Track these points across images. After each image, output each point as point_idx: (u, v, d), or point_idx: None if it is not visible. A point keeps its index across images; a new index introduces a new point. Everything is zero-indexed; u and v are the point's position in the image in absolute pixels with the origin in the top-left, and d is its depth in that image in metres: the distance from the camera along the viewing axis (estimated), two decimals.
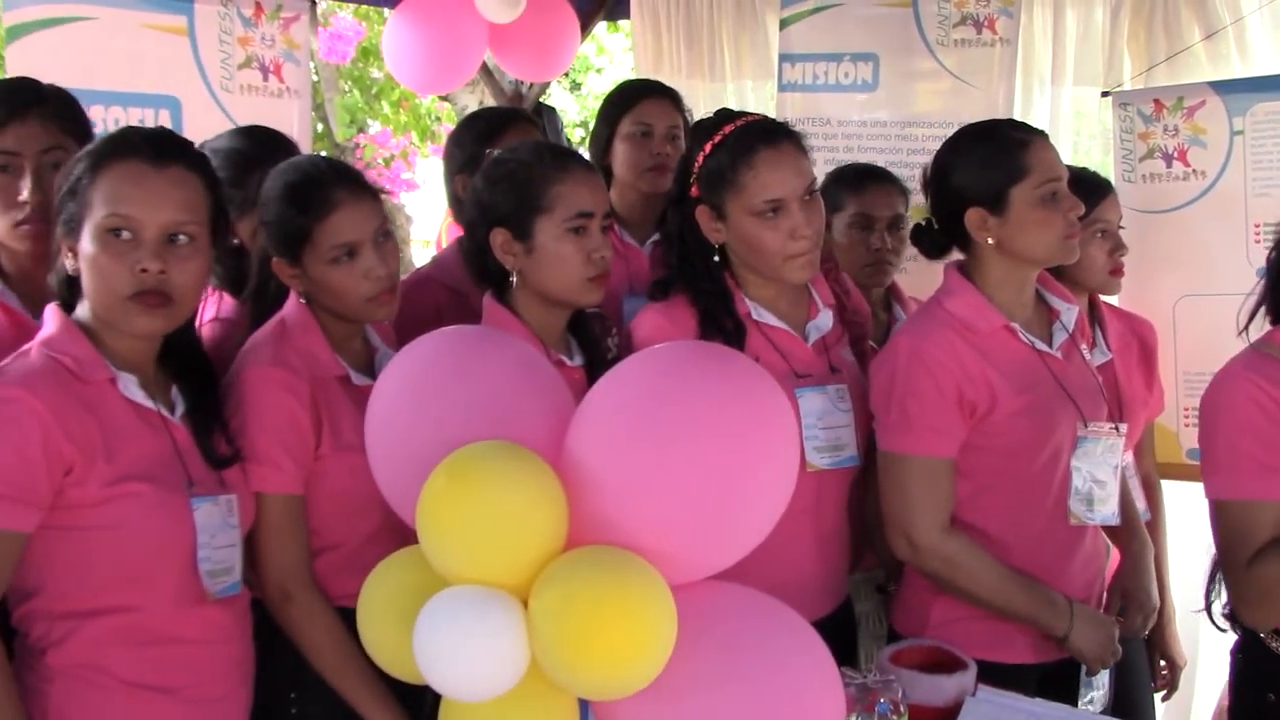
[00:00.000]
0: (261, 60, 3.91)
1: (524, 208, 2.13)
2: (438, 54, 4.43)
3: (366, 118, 9.03)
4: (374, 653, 1.78)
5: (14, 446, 1.70)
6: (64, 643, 1.81)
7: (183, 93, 3.73)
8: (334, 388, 2.10)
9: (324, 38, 7.25)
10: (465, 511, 1.55)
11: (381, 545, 2.02)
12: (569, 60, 4.86)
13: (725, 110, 2.36)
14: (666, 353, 1.72)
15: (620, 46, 12.26)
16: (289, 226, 2.09)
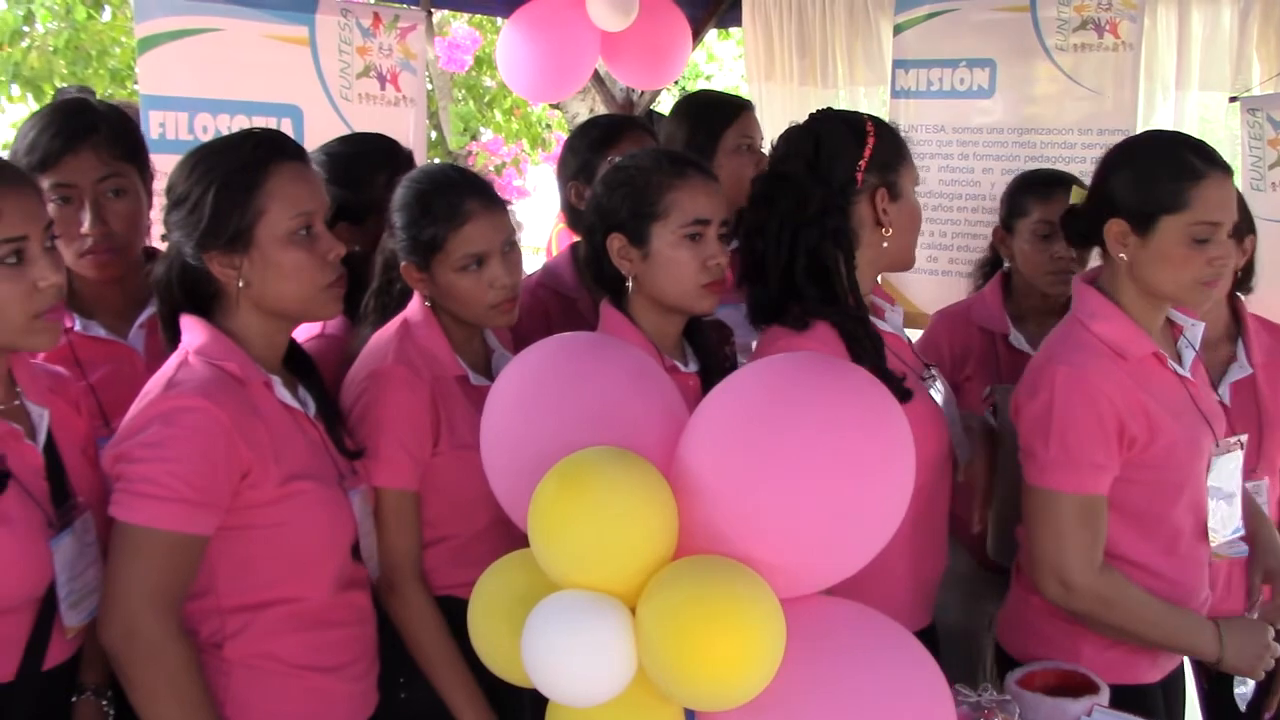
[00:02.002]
0: (379, 69, 3.99)
1: (640, 214, 2.14)
2: (550, 62, 4.47)
3: (479, 125, 9.15)
4: (483, 654, 1.79)
5: (200, 454, 1.77)
6: (238, 636, 1.88)
7: (303, 101, 3.81)
8: (453, 387, 2.15)
9: (441, 47, 7.36)
10: (576, 517, 1.55)
11: (492, 540, 2.11)
12: (680, 68, 4.86)
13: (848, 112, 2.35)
14: (783, 363, 1.71)
15: (730, 54, 12.26)
16: (422, 234, 2.13)
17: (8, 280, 1.70)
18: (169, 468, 1.76)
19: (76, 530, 1.81)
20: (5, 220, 1.70)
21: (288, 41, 3.79)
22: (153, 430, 1.78)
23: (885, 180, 2.21)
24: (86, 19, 8.74)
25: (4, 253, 1.70)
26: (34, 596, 1.77)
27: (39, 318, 1.74)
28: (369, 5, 4.06)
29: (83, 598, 1.82)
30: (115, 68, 9.03)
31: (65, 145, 2.18)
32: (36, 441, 1.82)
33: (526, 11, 4.42)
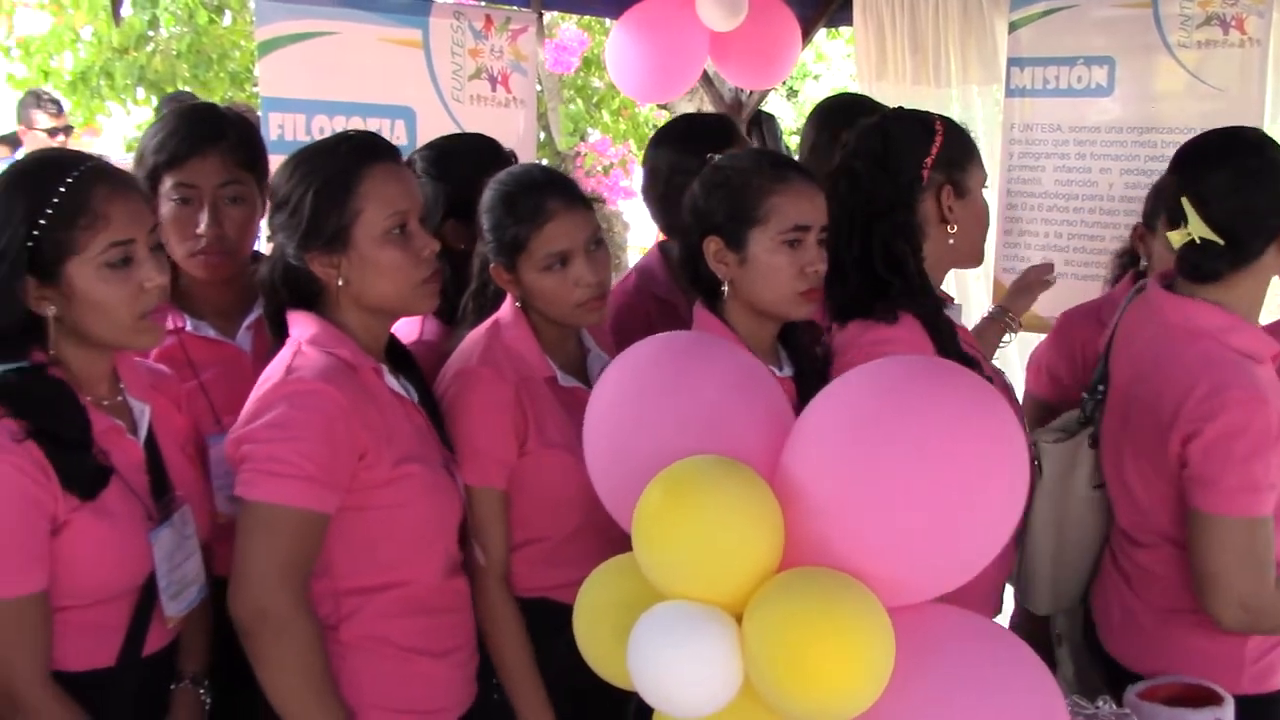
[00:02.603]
0: (490, 71, 4.03)
1: (739, 218, 2.12)
2: (659, 63, 4.48)
3: (587, 126, 9.20)
4: (589, 659, 1.80)
5: (321, 434, 1.83)
6: (352, 618, 1.94)
7: (416, 103, 3.87)
8: (541, 388, 2.15)
9: (549, 48, 7.41)
10: (680, 528, 1.54)
11: (584, 540, 2.14)
12: (790, 68, 4.84)
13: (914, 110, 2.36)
14: (891, 367, 1.67)
15: (839, 53, 12.16)
16: (506, 234, 2.15)
17: (116, 282, 1.76)
18: (293, 447, 1.81)
19: (175, 523, 1.86)
20: (114, 225, 1.75)
21: (402, 44, 3.85)
22: (276, 412, 1.83)
23: (951, 178, 2.26)
24: (208, 23, 8.98)
25: (113, 256, 1.75)
26: (134, 586, 1.83)
27: (145, 318, 1.80)
28: (481, 8, 4.12)
29: (182, 589, 1.88)
30: (235, 71, 9.27)
31: (192, 148, 2.24)
32: (138, 436, 1.88)
33: (636, 12, 4.43)
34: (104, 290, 1.75)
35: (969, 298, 4.83)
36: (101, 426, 1.80)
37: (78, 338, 1.79)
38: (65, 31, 8.63)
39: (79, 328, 1.77)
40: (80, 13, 8.54)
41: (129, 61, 8.76)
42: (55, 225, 1.71)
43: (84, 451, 1.75)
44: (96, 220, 1.73)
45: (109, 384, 1.87)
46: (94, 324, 1.77)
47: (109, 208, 1.75)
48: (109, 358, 1.86)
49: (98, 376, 1.84)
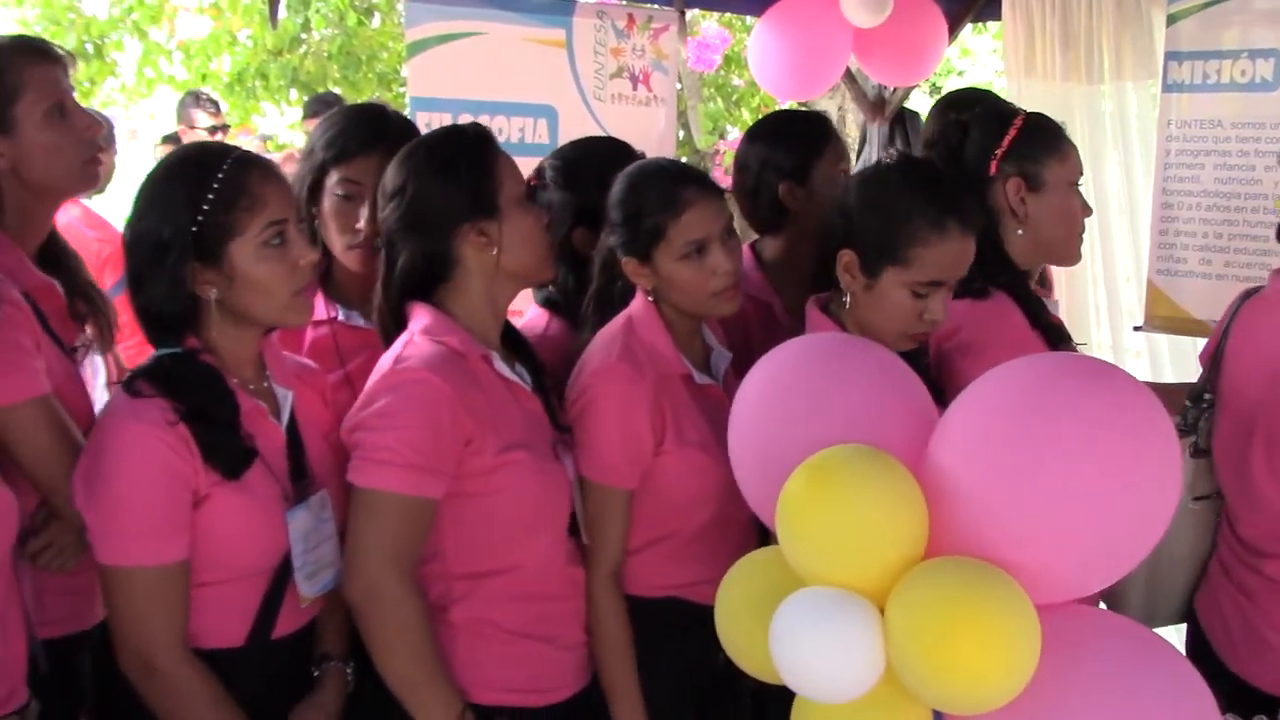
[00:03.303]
0: (631, 70, 4.05)
1: (883, 250, 2.06)
2: (802, 60, 4.44)
3: (727, 124, 9.18)
4: (731, 649, 1.81)
5: (428, 423, 1.87)
6: (463, 601, 1.97)
7: (559, 102, 3.91)
8: (677, 385, 2.15)
9: (691, 46, 7.43)
10: (824, 515, 1.54)
11: (712, 538, 2.15)
12: (935, 64, 4.76)
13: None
14: (1041, 361, 1.65)
15: (985, 48, 11.92)
16: (643, 225, 2.15)
17: (274, 260, 1.84)
18: (399, 435, 1.86)
19: (312, 505, 1.91)
20: (270, 206, 1.83)
21: (546, 44, 3.90)
22: (384, 402, 1.88)
23: (1023, 171, 2.28)
24: (357, 25, 9.22)
25: (270, 235, 1.83)
26: (269, 566, 1.88)
27: (299, 294, 1.88)
28: (623, 7, 4.13)
29: (318, 570, 1.92)
30: (382, 71, 9.51)
31: (359, 147, 2.31)
32: (280, 421, 1.94)
33: (779, 9, 4.40)
34: (263, 269, 1.83)
35: (1118, 300, 4.69)
36: (246, 407, 1.86)
37: (234, 319, 1.86)
38: (223, 35, 8.97)
39: (239, 307, 1.85)
40: (238, 16, 8.86)
41: (282, 63, 9.06)
42: (217, 209, 1.79)
43: (231, 432, 1.82)
44: (255, 202, 1.81)
45: (255, 369, 1.93)
46: (254, 302, 1.85)
47: (264, 190, 1.83)
48: (257, 342, 1.93)
49: (245, 360, 1.91)
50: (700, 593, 2.14)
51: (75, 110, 2.15)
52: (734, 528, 2.18)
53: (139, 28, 8.90)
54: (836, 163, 2.71)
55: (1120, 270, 4.72)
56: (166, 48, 9.07)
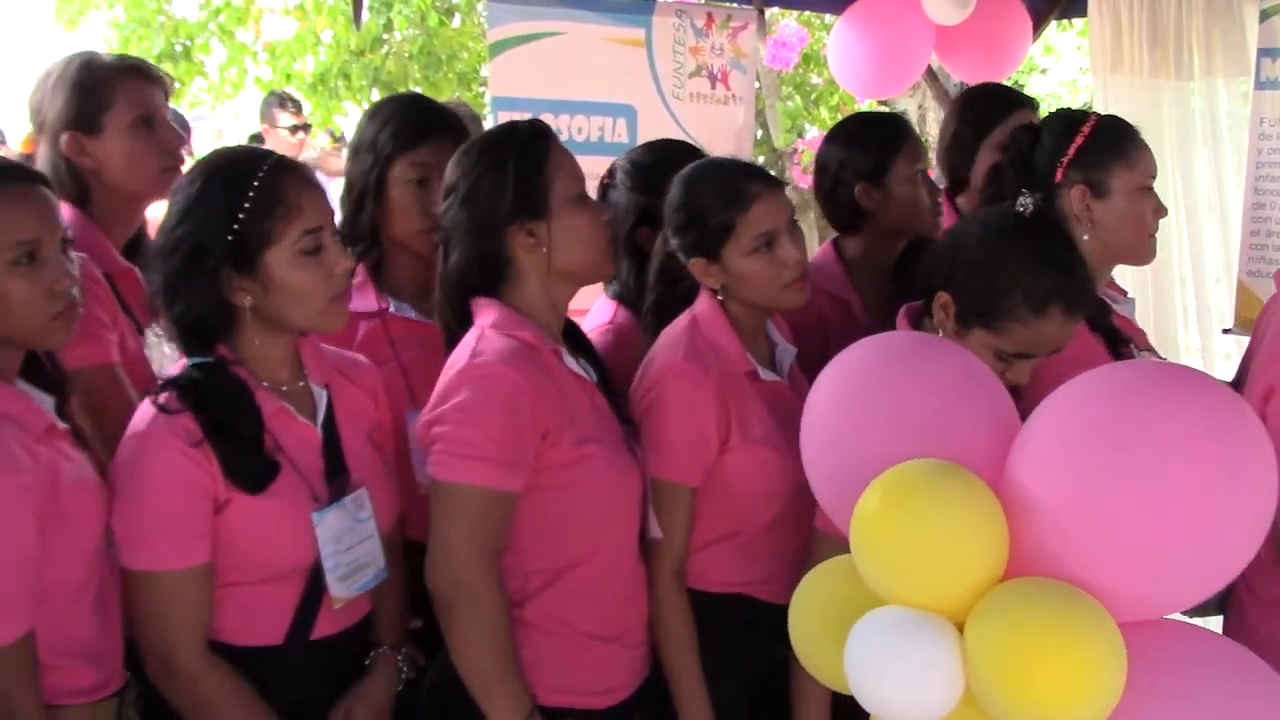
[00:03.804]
0: (710, 68, 4.05)
1: (978, 305, 2.03)
2: (883, 58, 4.40)
3: (805, 123, 9.14)
4: (805, 660, 1.79)
5: (506, 417, 1.88)
6: (538, 596, 1.98)
7: (638, 101, 3.92)
8: (742, 383, 2.14)
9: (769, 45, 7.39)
10: (900, 533, 1.51)
11: (774, 536, 2.15)
12: (1019, 62, 4.68)
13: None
14: (1126, 371, 1.61)
15: (1069, 45, 11.73)
16: (710, 223, 2.14)
17: (310, 268, 1.85)
18: (479, 429, 1.87)
19: (347, 506, 1.91)
20: (306, 213, 1.84)
21: (625, 43, 3.90)
22: (462, 396, 1.89)
23: (1089, 178, 2.30)
24: (439, 25, 9.31)
25: (306, 243, 1.84)
26: (299, 567, 1.88)
27: (335, 300, 1.89)
28: (702, 6, 4.12)
29: (354, 571, 1.92)
30: (462, 71, 9.59)
31: (427, 132, 2.36)
32: (315, 420, 1.95)
33: (860, 7, 4.37)
34: (299, 276, 1.83)
35: (1207, 302, 4.60)
36: (271, 410, 1.87)
37: (268, 325, 1.87)
38: (308, 36, 9.10)
39: (274, 315, 1.86)
40: (322, 18, 8.98)
41: (365, 63, 9.17)
42: (254, 217, 1.80)
43: (253, 449, 1.83)
44: (290, 210, 1.82)
45: (291, 369, 1.94)
46: (290, 310, 1.86)
47: (300, 197, 1.84)
48: (290, 344, 1.94)
49: (279, 362, 1.92)
50: (763, 590, 2.18)
51: (163, 124, 2.30)
52: (798, 526, 2.17)
53: (226, 29, 9.07)
54: (913, 163, 2.70)
55: (1209, 271, 4.62)
56: (252, 49, 9.23)
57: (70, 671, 1.73)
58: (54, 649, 1.70)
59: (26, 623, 1.64)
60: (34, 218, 1.71)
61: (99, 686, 1.77)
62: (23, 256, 1.68)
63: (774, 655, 2.22)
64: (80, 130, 2.20)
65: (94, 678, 1.77)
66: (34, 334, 1.73)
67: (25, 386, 1.77)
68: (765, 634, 2.19)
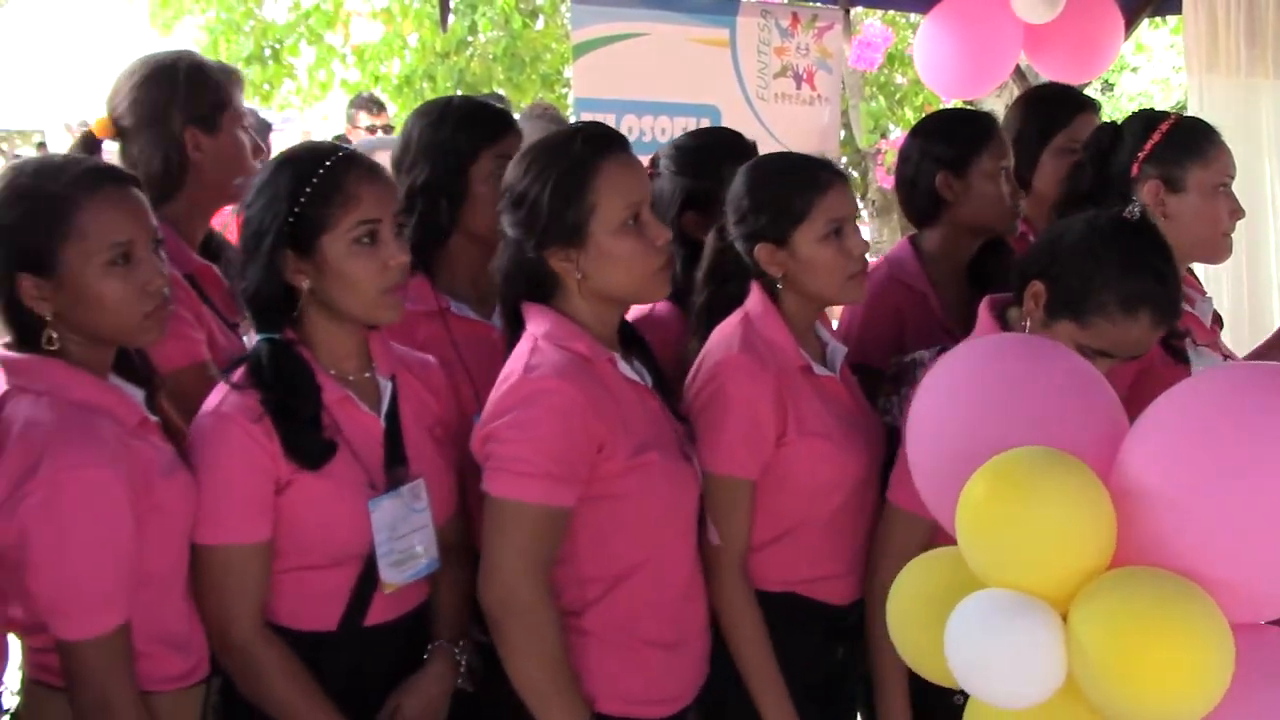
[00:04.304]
0: (795, 69, 4.04)
1: (1069, 298, 2.03)
2: (970, 57, 4.36)
3: (888, 123, 9.07)
4: (902, 649, 1.79)
5: (561, 432, 1.87)
6: (595, 605, 1.98)
7: (722, 102, 3.92)
8: (797, 378, 2.13)
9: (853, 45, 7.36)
10: (1008, 518, 1.51)
11: (831, 534, 2.15)
12: (1110, 60, 4.61)
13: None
14: (1247, 367, 1.62)
15: (1161, 43, 11.52)
16: (783, 206, 2.13)
17: (363, 258, 1.87)
18: (534, 446, 1.86)
19: (403, 495, 1.94)
20: (363, 205, 1.87)
21: (710, 44, 3.91)
22: (517, 412, 1.88)
23: (1165, 173, 2.34)
24: (522, 27, 9.37)
25: (361, 233, 1.87)
26: (354, 553, 1.91)
27: (387, 293, 1.90)
28: (787, 6, 4.11)
29: (405, 559, 1.95)
30: (545, 73, 9.65)
31: (507, 126, 2.40)
32: (380, 411, 1.97)
33: (947, 6, 4.33)
34: (352, 265, 1.86)
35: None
36: (335, 397, 1.91)
37: (328, 312, 1.91)
38: (394, 39, 9.21)
39: (329, 300, 1.89)
40: (408, 21, 9.09)
41: (449, 65, 9.27)
42: (313, 203, 1.85)
43: (312, 427, 1.87)
44: (348, 200, 1.85)
45: (358, 360, 1.98)
46: (342, 297, 1.89)
47: (359, 189, 1.87)
48: (357, 336, 1.97)
49: (346, 353, 1.95)
50: (820, 589, 2.17)
51: (251, 128, 2.39)
52: (855, 524, 2.18)
53: (315, 32, 9.20)
54: (998, 160, 2.68)
55: None
56: (340, 51, 9.36)
57: (162, 659, 1.78)
58: (147, 637, 1.75)
59: (123, 613, 1.70)
60: (128, 219, 1.77)
61: (188, 673, 1.82)
62: (118, 257, 1.74)
63: (833, 656, 2.23)
64: (199, 127, 2.26)
65: (183, 665, 1.81)
66: (128, 332, 1.79)
67: (117, 381, 1.83)
68: (824, 634, 2.21)
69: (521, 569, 1.86)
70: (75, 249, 1.71)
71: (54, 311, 1.72)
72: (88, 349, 1.76)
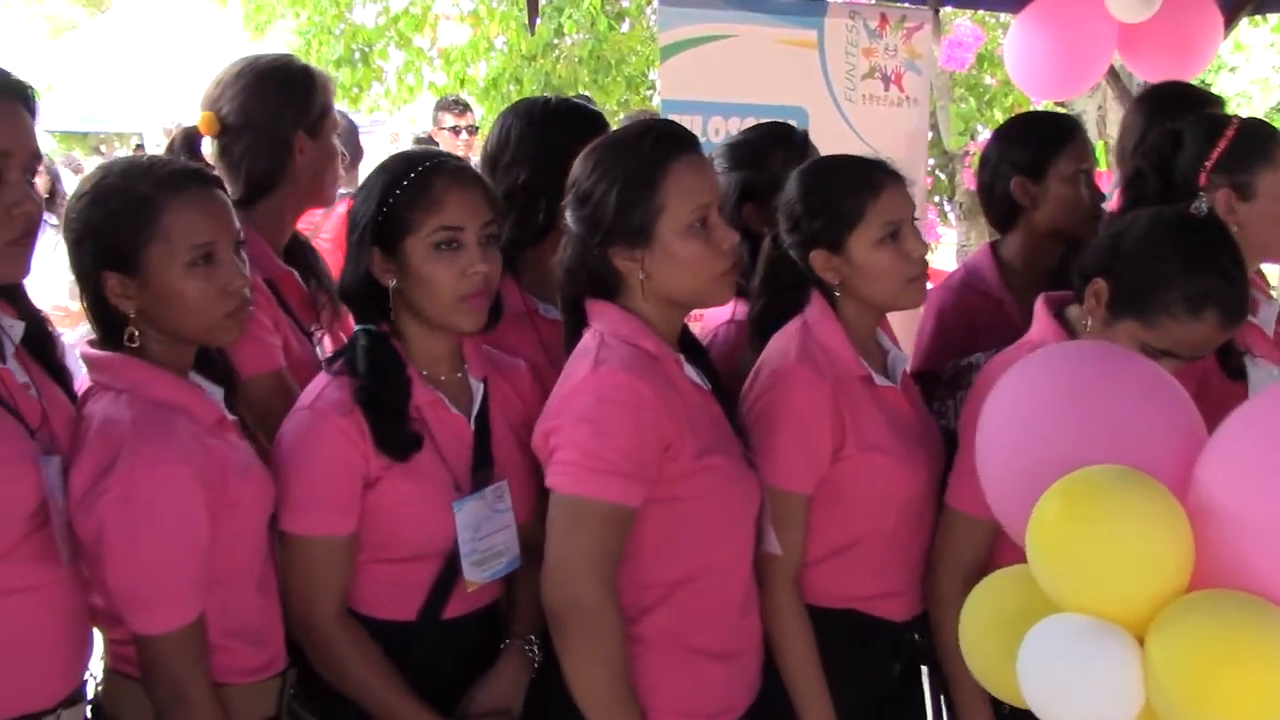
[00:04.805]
0: (883, 70, 3.99)
1: (1132, 296, 2.00)
2: (1063, 57, 4.28)
3: (977, 124, 8.95)
4: (974, 668, 1.76)
5: (631, 428, 1.85)
6: (652, 612, 1.95)
7: (809, 104, 3.88)
8: (857, 388, 2.10)
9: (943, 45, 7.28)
10: (1081, 539, 1.48)
11: (890, 550, 2.12)
12: (1208, 60, 4.50)
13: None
14: None
15: (1261, 42, 11.26)
16: (838, 209, 2.10)
17: (443, 262, 1.90)
18: (605, 442, 1.83)
19: (487, 496, 1.97)
20: (446, 211, 1.90)
21: (797, 45, 3.87)
22: (587, 407, 1.86)
23: (1234, 181, 2.31)
24: (608, 30, 9.40)
25: (441, 238, 1.90)
26: (439, 550, 1.95)
27: (464, 300, 1.92)
28: (876, 6, 4.07)
29: (488, 559, 1.98)
30: (630, 75, 9.67)
31: (603, 124, 2.43)
32: (470, 413, 2.00)
33: (1040, 5, 4.26)
34: (430, 269, 1.90)
35: None
36: (425, 399, 1.94)
37: (413, 313, 1.94)
38: (482, 41, 9.30)
39: (412, 302, 1.93)
40: (495, 24, 9.18)
41: (536, 68, 9.33)
42: (400, 204, 1.90)
43: (401, 418, 1.91)
44: (433, 204, 1.89)
45: (450, 363, 2.01)
46: (422, 299, 1.92)
47: (446, 195, 1.90)
48: (449, 339, 1.99)
49: (438, 355, 1.99)
50: (879, 606, 2.14)
51: (340, 133, 2.48)
52: (914, 539, 2.15)
53: (403, 36, 9.34)
54: (1077, 163, 2.64)
55: None
56: (428, 54, 9.48)
57: (237, 652, 1.82)
58: (222, 630, 1.79)
59: (197, 608, 1.74)
60: (212, 221, 1.80)
61: (264, 667, 1.87)
62: (200, 258, 1.77)
63: (892, 674, 2.20)
64: (307, 131, 2.32)
65: (259, 658, 1.86)
66: (208, 331, 1.83)
67: (197, 379, 1.87)
68: (883, 652, 2.17)
69: (588, 569, 1.84)
70: (159, 249, 1.75)
71: (137, 309, 1.77)
72: (168, 347, 1.81)
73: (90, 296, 1.79)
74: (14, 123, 1.68)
